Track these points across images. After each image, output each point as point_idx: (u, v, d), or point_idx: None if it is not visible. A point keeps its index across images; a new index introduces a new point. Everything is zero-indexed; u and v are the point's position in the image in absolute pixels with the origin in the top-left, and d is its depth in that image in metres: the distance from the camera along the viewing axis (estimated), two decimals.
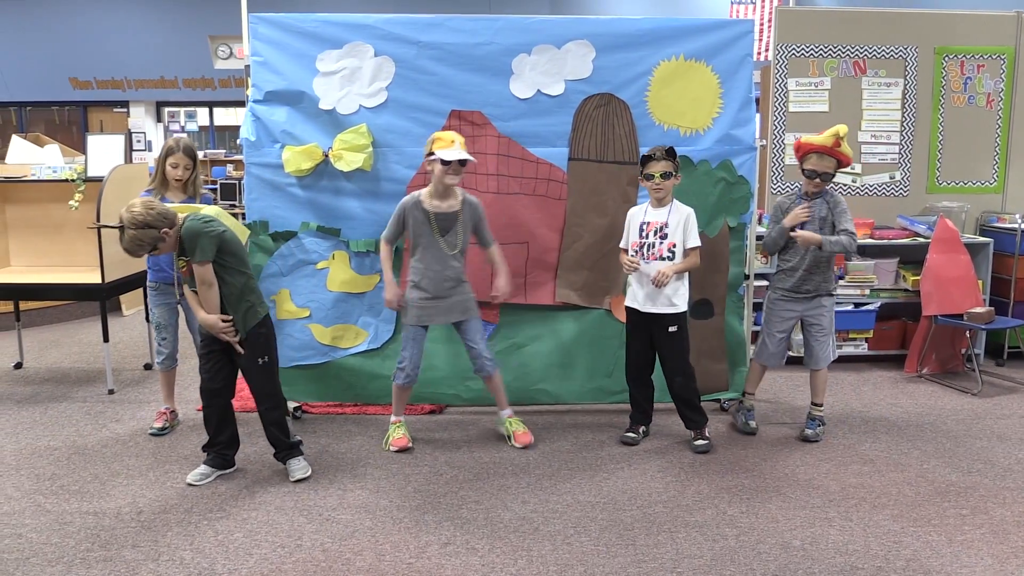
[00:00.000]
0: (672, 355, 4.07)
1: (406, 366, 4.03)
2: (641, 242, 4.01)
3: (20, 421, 4.47)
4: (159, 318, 4.27)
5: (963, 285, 5.26)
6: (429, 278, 3.96)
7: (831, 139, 3.99)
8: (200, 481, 3.64)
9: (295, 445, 3.77)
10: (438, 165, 3.83)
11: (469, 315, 4.06)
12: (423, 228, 3.92)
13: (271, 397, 3.68)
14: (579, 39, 4.31)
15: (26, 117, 15.10)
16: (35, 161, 6.39)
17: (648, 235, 4.00)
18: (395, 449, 4.01)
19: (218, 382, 3.64)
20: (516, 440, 4.12)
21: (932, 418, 4.55)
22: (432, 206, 3.92)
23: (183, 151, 4.13)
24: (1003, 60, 5.76)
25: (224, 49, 11.43)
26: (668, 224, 3.97)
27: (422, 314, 4.00)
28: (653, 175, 3.93)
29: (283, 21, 4.28)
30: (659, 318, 4.00)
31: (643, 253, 4.00)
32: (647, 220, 4.02)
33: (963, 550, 3.06)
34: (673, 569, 2.93)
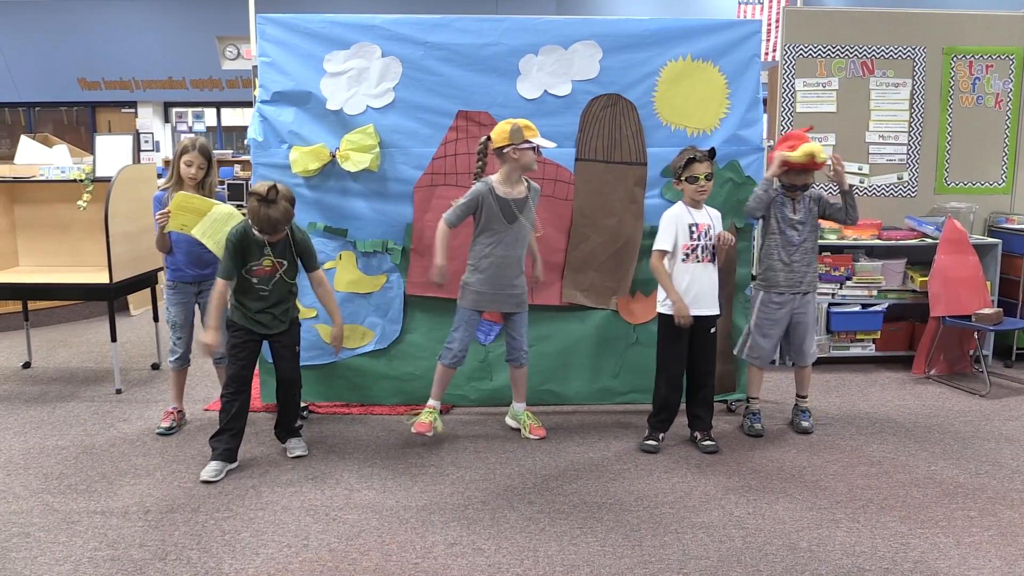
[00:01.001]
0: (709, 358, 4.06)
1: (455, 347, 4.07)
2: (693, 244, 3.97)
3: (28, 420, 4.49)
4: (175, 317, 4.28)
5: (971, 286, 5.24)
6: (495, 264, 4.00)
7: (807, 159, 3.99)
8: (216, 477, 3.67)
9: (298, 428, 4.08)
10: (531, 153, 3.90)
11: (522, 309, 4.14)
12: (495, 214, 3.95)
13: (298, 383, 3.98)
14: (586, 40, 4.32)
15: (35, 117, 15.17)
16: (43, 161, 6.41)
17: (699, 236, 3.97)
18: (415, 431, 4.06)
19: (249, 371, 3.83)
20: (531, 432, 4.18)
21: (940, 419, 4.53)
22: (505, 192, 3.96)
23: (198, 150, 4.15)
24: (1012, 60, 5.74)
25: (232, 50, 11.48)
26: (712, 226, 4.00)
27: (480, 299, 4.04)
28: (698, 177, 3.91)
29: (290, 22, 4.29)
30: (703, 320, 3.98)
31: (696, 255, 3.98)
32: (695, 221, 3.99)
33: (971, 552, 3.05)
34: (680, 570, 2.92)
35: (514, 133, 3.86)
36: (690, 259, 3.98)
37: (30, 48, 13.95)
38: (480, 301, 4.05)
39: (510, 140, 3.87)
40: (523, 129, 3.87)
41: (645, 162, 4.41)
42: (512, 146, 3.88)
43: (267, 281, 3.76)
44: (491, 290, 4.03)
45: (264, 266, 3.74)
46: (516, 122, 3.89)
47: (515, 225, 3.99)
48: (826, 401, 4.84)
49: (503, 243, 3.99)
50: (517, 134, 3.86)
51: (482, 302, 4.06)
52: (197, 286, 4.26)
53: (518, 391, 4.28)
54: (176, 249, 4.19)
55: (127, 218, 4.93)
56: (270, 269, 3.75)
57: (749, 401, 4.38)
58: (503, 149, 3.91)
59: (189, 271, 4.20)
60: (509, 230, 3.98)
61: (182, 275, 4.22)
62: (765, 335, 4.27)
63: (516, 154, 3.90)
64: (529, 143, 3.88)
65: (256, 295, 3.77)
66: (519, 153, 3.89)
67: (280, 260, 3.77)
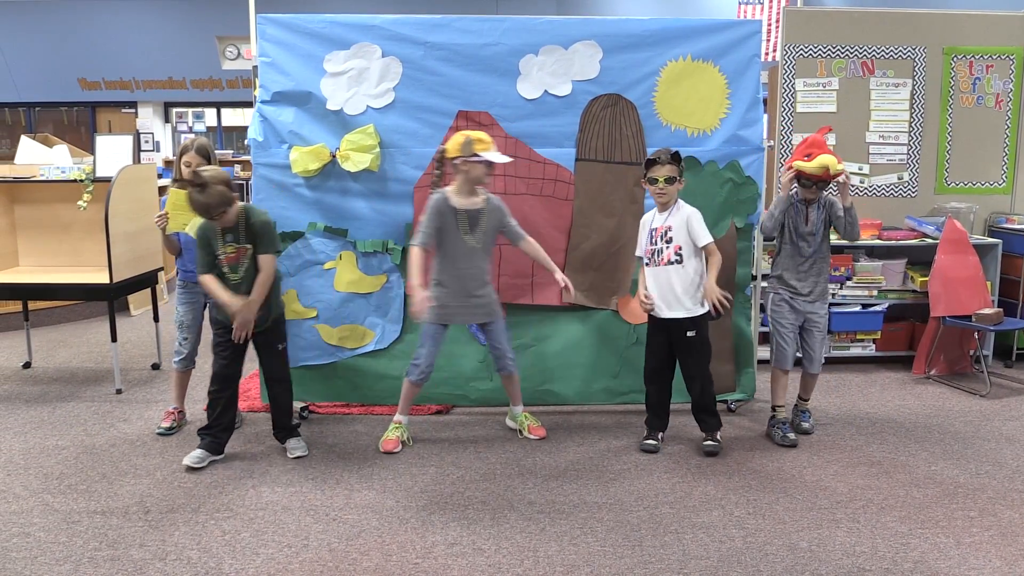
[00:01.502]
0: (689, 361, 4.02)
1: (421, 363, 4.03)
2: (652, 248, 4.00)
3: (28, 420, 4.49)
4: (183, 316, 4.28)
5: (971, 286, 5.24)
6: (455, 276, 3.97)
7: (821, 171, 3.98)
8: (198, 464, 3.78)
9: (295, 427, 4.06)
10: (480, 167, 3.86)
11: (495, 317, 4.09)
12: (450, 226, 3.93)
13: (285, 381, 3.99)
14: (586, 40, 4.31)
15: (35, 117, 15.17)
16: (44, 161, 6.42)
17: (656, 240, 3.99)
18: (383, 451, 4.01)
19: (234, 368, 3.86)
20: (530, 432, 4.19)
21: (940, 420, 4.53)
22: (460, 204, 3.93)
23: (196, 150, 4.16)
24: (1012, 60, 5.74)
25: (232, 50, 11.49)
26: (672, 227, 3.96)
27: (444, 313, 4.00)
28: (657, 179, 3.91)
29: (291, 22, 4.29)
30: (676, 323, 3.97)
31: (654, 259, 3.99)
32: (655, 226, 4.01)
33: (971, 552, 3.05)
34: (680, 570, 2.92)
35: (464, 146, 3.84)
36: (651, 263, 3.99)
37: (30, 48, 13.95)
38: (444, 315, 4.00)
39: (460, 152, 3.85)
40: (475, 142, 3.84)
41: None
42: (462, 158, 3.87)
43: (235, 268, 3.77)
44: (455, 302, 3.99)
45: (228, 253, 3.76)
46: (469, 135, 3.86)
47: (473, 236, 3.95)
48: (826, 401, 4.84)
49: (463, 255, 3.95)
50: (467, 147, 3.84)
51: (446, 315, 4.01)
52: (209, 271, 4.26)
53: (513, 396, 4.28)
54: (185, 250, 4.20)
55: (127, 218, 4.94)
56: (234, 255, 3.76)
57: (775, 410, 4.28)
58: (455, 160, 3.90)
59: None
60: (467, 240, 3.95)
61: (191, 275, 4.21)
62: (786, 336, 4.23)
63: (466, 166, 3.87)
64: (478, 157, 3.85)
65: (228, 284, 3.78)
66: (468, 166, 3.86)
67: (243, 246, 3.77)
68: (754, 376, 4.62)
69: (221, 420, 3.86)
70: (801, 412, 4.37)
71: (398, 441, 4.06)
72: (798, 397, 4.41)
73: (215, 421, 3.85)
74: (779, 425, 4.21)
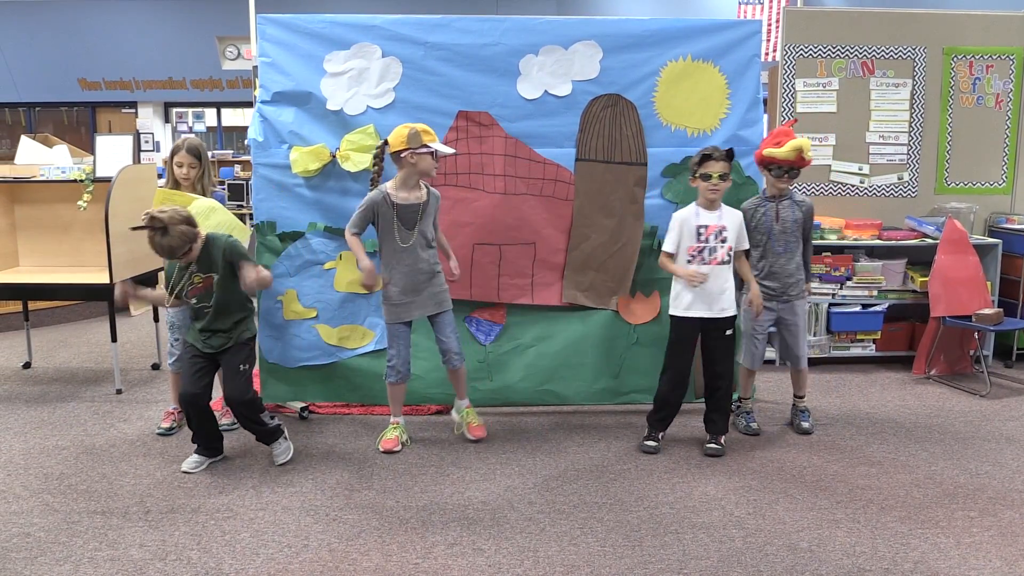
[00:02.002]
0: (721, 359, 3.99)
1: (396, 363, 4.02)
2: (700, 246, 3.92)
3: (28, 420, 4.49)
4: (173, 318, 4.27)
5: (971, 286, 5.24)
6: (402, 272, 3.95)
7: (794, 154, 3.98)
8: (195, 468, 3.77)
9: (275, 429, 3.89)
10: (429, 159, 3.84)
11: (444, 307, 4.06)
12: (391, 222, 3.90)
13: (245, 404, 3.79)
14: (586, 40, 4.32)
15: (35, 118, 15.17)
16: (44, 162, 6.41)
17: (708, 239, 3.91)
18: (382, 450, 4.00)
19: (198, 387, 3.74)
20: (470, 432, 4.15)
21: (940, 420, 4.53)
22: (400, 199, 3.90)
23: (187, 150, 4.15)
24: (1012, 60, 5.74)
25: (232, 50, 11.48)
26: (727, 228, 3.93)
27: (399, 310, 3.99)
28: (711, 175, 3.85)
29: (291, 22, 4.29)
30: (717, 322, 3.94)
31: (702, 257, 3.92)
32: (704, 223, 3.92)
33: (971, 552, 3.05)
34: (680, 571, 2.92)
35: (412, 137, 3.80)
36: (695, 261, 3.93)
37: (30, 48, 13.96)
38: (400, 312, 3.99)
39: (407, 144, 3.81)
40: (421, 134, 3.81)
41: (645, 162, 4.41)
42: (410, 150, 3.83)
43: (207, 297, 3.73)
44: (408, 299, 3.98)
45: (196, 284, 3.72)
46: (415, 126, 3.83)
47: (413, 231, 3.93)
48: (826, 401, 4.84)
49: (407, 251, 3.93)
50: (415, 138, 3.80)
51: (402, 312, 3.99)
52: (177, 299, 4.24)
53: (460, 389, 4.23)
54: None
55: (127, 218, 4.91)
56: (201, 286, 3.73)
57: (741, 401, 4.39)
58: (400, 153, 3.86)
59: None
60: (411, 235, 3.93)
61: None
62: (752, 338, 4.28)
63: (413, 159, 3.84)
64: (427, 147, 3.83)
65: (199, 313, 3.78)
66: (416, 158, 3.83)
67: (208, 275, 3.72)
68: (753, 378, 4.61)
69: (203, 431, 3.82)
70: (800, 412, 4.37)
71: (397, 440, 4.05)
72: (793, 395, 4.42)
73: (197, 433, 3.82)
74: (743, 415, 4.34)
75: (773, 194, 4.16)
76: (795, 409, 4.40)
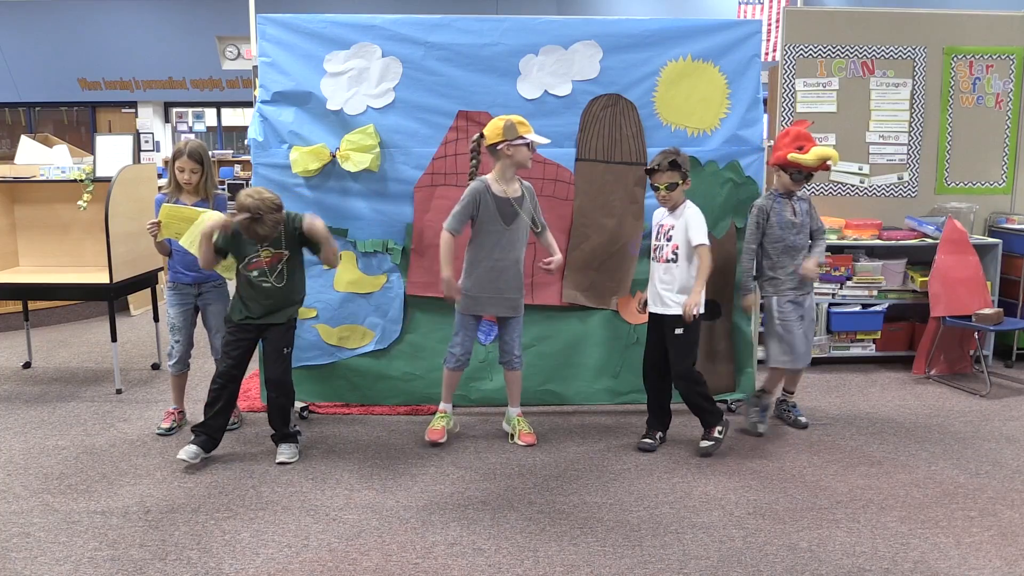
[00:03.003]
0: (675, 359, 4.00)
1: (457, 351, 4.06)
2: (655, 244, 4.05)
3: (28, 420, 4.49)
4: (173, 319, 4.26)
5: (971, 286, 5.24)
6: (492, 268, 3.97)
7: (819, 163, 4.07)
8: (193, 459, 3.77)
9: (293, 435, 3.97)
10: (525, 149, 3.87)
11: (517, 313, 4.10)
12: (493, 214, 3.92)
13: (284, 385, 3.90)
14: (586, 40, 4.31)
15: (35, 117, 15.18)
16: (44, 161, 6.42)
17: (659, 237, 4.03)
18: (428, 439, 4.06)
19: (239, 368, 3.87)
20: (520, 438, 4.13)
21: (940, 420, 4.53)
22: (501, 191, 3.92)
23: (188, 155, 4.09)
24: (1012, 60, 5.74)
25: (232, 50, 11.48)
26: (674, 226, 3.98)
27: (474, 304, 4.02)
28: (659, 187, 3.94)
29: (291, 22, 4.29)
30: (665, 319, 3.99)
31: (655, 255, 4.04)
32: (661, 222, 4.05)
33: (971, 552, 3.05)
34: (680, 570, 2.92)
35: (508, 129, 3.83)
36: (653, 258, 4.06)
37: (30, 48, 13.96)
38: (474, 305, 4.03)
39: (504, 136, 3.85)
40: (516, 125, 3.85)
41: (645, 162, 4.39)
42: (506, 142, 3.86)
43: (268, 273, 3.81)
44: (486, 294, 4.00)
45: (264, 256, 3.79)
46: (510, 118, 3.86)
47: (513, 225, 3.96)
48: (826, 401, 4.84)
49: (500, 245, 3.96)
50: (511, 130, 3.83)
51: (476, 306, 4.04)
52: (197, 287, 4.24)
53: (512, 394, 4.25)
54: (176, 253, 4.17)
55: (127, 218, 4.93)
56: (270, 259, 3.80)
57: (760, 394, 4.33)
58: (496, 146, 3.88)
59: (190, 272, 4.18)
60: (507, 231, 3.96)
61: (183, 277, 4.21)
62: (794, 334, 4.23)
63: (510, 151, 3.87)
64: (523, 139, 3.86)
65: (258, 290, 3.82)
66: (513, 149, 3.87)
67: (280, 251, 3.81)
68: (754, 376, 4.61)
69: (218, 419, 3.86)
70: (792, 407, 4.42)
71: (444, 431, 4.08)
72: (784, 390, 4.45)
73: (212, 419, 3.84)
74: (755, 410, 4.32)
75: (786, 191, 4.21)
76: (786, 404, 4.44)
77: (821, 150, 4.05)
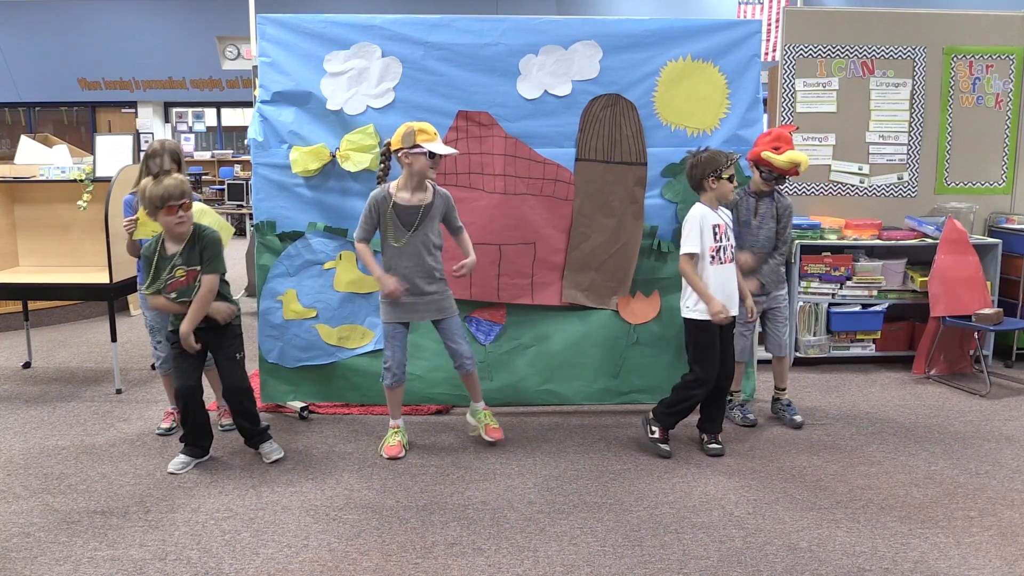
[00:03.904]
0: (731, 358, 4.00)
1: (391, 365, 3.92)
2: (717, 245, 3.86)
3: (28, 420, 4.49)
4: (152, 321, 4.22)
5: (971, 286, 5.24)
6: (402, 274, 3.84)
7: (790, 166, 4.06)
8: (181, 469, 3.76)
9: (264, 431, 3.93)
10: (423, 159, 3.71)
11: (447, 314, 3.95)
12: (393, 223, 3.80)
13: (244, 391, 3.82)
14: (586, 40, 4.32)
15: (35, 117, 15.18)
16: (44, 161, 6.42)
17: (721, 238, 3.88)
18: (386, 456, 3.93)
19: (193, 379, 3.75)
20: (488, 433, 4.07)
21: (940, 420, 4.53)
22: (403, 199, 3.80)
23: (169, 155, 4.03)
24: (1012, 60, 5.74)
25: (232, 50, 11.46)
26: (729, 225, 3.94)
27: (397, 311, 3.89)
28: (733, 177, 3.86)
29: (290, 22, 4.30)
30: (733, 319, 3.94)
31: (719, 257, 3.87)
32: (716, 223, 3.87)
33: (971, 552, 3.05)
34: (680, 570, 2.92)
35: (405, 136, 3.69)
36: (715, 261, 3.87)
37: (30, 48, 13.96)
38: (397, 312, 3.90)
39: (402, 144, 3.72)
40: (416, 132, 3.69)
41: (645, 162, 4.41)
42: (403, 150, 3.73)
43: (188, 292, 3.66)
44: (406, 299, 3.86)
45: (178, 277, 3.66)
46: (412, 125, 3.73)
47: (417, 233, 3.82)
48: (826, 401, 4.84)
49: (406, 252, 3.83)
50: (408, 137, 3.69)
51: (400, 313, 3.90)
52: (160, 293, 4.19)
53: (473, 391, 4.13)
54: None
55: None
56: (184, 279, 3.67)
57: (732, 395, 4.40)
58: (397, 152, 3.77)
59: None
60: (411, 238, 3.82)
61: None
62: (741, 332, 4.30)
63: (408, 159, 3.73)
64: (420, 148, 3.71)
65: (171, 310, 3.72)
66: (411, 158, 3.72)
67: (192, 268, 3.67)
68: (754, 376, 4.62)
69: (197, 430, 3.81)
70: (785, 405, 4.42)
71: (400, 446, 3.97)
72: (775, 388, 4.47)
73: (191, 431, 3.80)
74: (737, 407, 4.38)
75: (757, 190, 4.22)
76: (779, 403, 4.45)
77: (794, 154, 4.05)
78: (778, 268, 4.32)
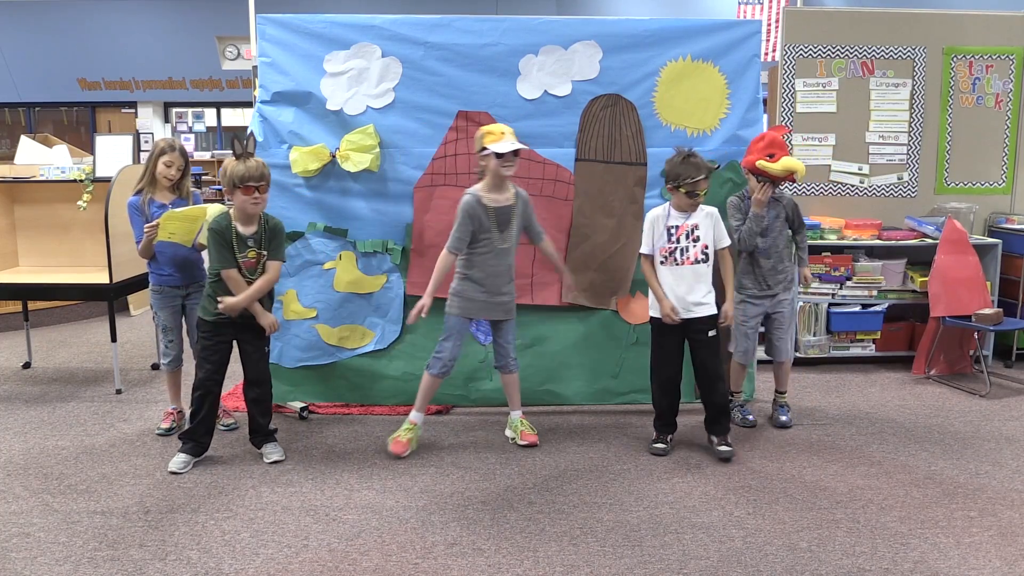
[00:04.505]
0: (709, 363, 3.94)
1: (444, 357, 3.97)
2: (671, 247, 3.88)
3: (28, 421, 4.49)
4: (165, 321, 4.24)
5: (971, 286, 5.24)
6: (486, 273, 3.91)
7: (784, 174, 4.06)
8: (182, 468, 3.76)
9: (272, 432, 3.98)
10: (493, 159, 3.78)
11: (511, 316, 4.05)
12: (483, 224, 3.87)
13: (266, 383, 3.92)
14: (586, 40, 4.32)
15: (35, 118, 15.17)
16: (43, 161, 6.42)
17: (679, 239, 3.88)
18: (390, 450, 3.93)
19: (220, 375, 3.83)
20: (522, 437, 4.09)
21: (940, 420, 4.53)
22: (490, 200, 3.87)
23: (179, 152, 4.11)
24: (1012, 60, 5.74)
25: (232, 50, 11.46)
26: (699, 226, 3.89)
27: (469, 307, 3.96)
28: (698, 194, 3.82)
29: (290, 22, 4.30)
30: (694, 323, 3.89)
31: (675, 258, 3.89)
32: (674, 223, 3.89)
33: (971, 552, 3.05)
34: (679, 571, 2.92)
35: (476, 140, 3.80)
36: (668, 262, 3.90)
37: (30, 48, 13.96)
38: (470, 309, 3.97)
39: (476, 147, 3.84)
40: (484, 135, 3.78)
41: (645, 162, 4.41)
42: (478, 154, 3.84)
43: (251, 273, 3.75)
44: (482, 298, 3.94)
45: (249, 257, 3.74)
46: (483, 127, 3.82)
47: (505, 233, 3.91)
48: (826, 401, 4.84)
49: (493, 252, 3.90)
50: (477, 141, 3.80)
51: (472, 310, 3.97)
52: (184, 289, 4.21)
53: (512, 398, 4.18)
54: (160, 255, 4.13)
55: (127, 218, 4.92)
56: (254, 260, 3.76)
57: (733, 395, 4.41)
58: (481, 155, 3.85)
59: (177, 275, 4.15)
60: (499, 238, 3.90)
61: (170, 279, 4.16)
62: (744, 334, 4.32)
63: (483, 162, 3.83)
64: (486, 150, 3.77)
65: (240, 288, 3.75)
66: (485, 160, 3.81)
67: (262, 251, 3.77)
68: (754, 376, 4.62)
69: (203, 426, 3.82)
70: (780, 406, 4.43)
71: (408, 445, 3.96)
72: (775, 391, 4.47)
73: (198, 426, 3.81)
74: (737, 408, 4.39)
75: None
76: (774, 404, 4.46)
77: (789, 162, 4.02)
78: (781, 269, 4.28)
